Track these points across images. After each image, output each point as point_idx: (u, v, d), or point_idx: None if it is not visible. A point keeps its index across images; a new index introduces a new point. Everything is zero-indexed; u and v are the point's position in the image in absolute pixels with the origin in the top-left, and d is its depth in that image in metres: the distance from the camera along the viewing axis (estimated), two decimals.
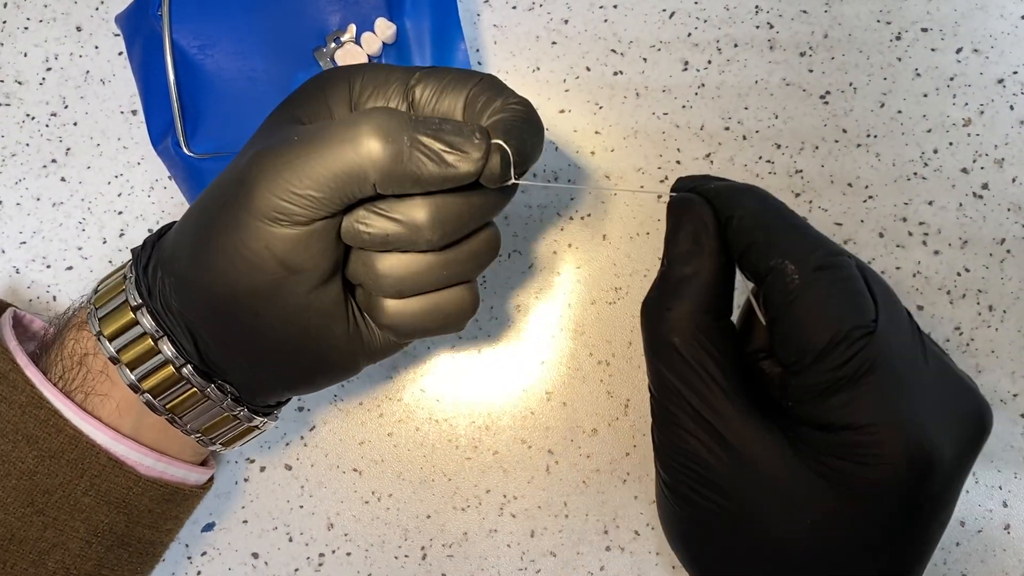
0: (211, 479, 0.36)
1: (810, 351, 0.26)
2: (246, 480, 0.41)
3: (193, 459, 0.34)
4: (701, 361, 0.27)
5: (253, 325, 0.29)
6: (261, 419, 0.33)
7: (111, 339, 0.30)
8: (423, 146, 0.27)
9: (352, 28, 0.40)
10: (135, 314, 0.30)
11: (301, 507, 0.41)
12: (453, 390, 0.41)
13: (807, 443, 0.26)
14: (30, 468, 0.30)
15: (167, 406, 0.31)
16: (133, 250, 0.32)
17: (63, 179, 0.43)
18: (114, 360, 0.31)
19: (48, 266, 0.42)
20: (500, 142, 0.27)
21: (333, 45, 0.40)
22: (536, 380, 0.41)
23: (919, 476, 0.25)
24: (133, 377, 0.30)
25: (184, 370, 0.30)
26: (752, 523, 0.27)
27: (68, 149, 0.43)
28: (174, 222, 0.32)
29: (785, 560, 0.27)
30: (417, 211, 0.28)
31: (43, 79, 0.44)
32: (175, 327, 0.30)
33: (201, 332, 0.30)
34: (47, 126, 0.43)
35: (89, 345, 0.31)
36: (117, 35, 0.44)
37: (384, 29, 0.39)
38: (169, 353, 0.30)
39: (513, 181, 0.28)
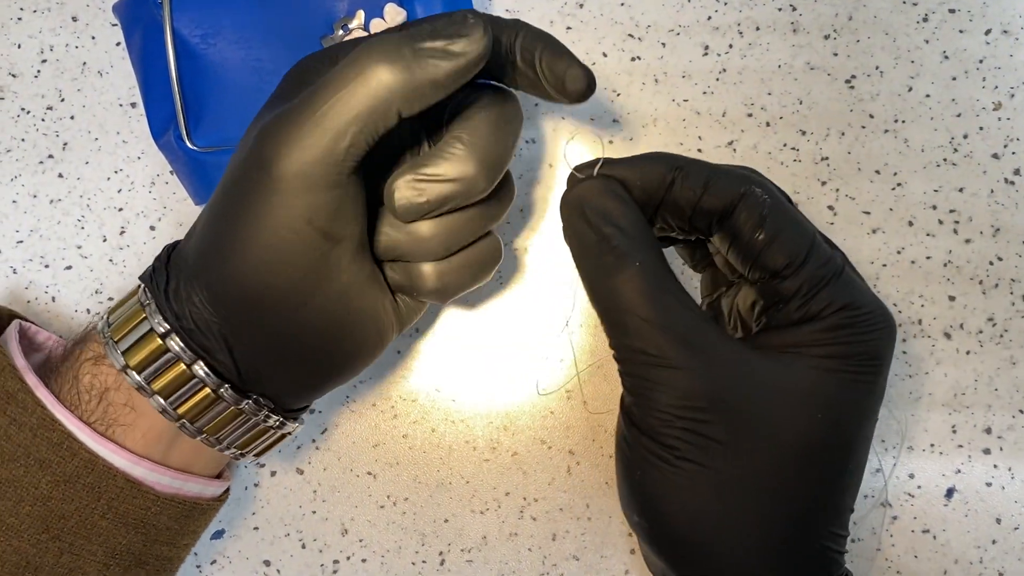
0: (227, 490, 0.34)
1: (803, 249, 0.28)
2: (256, 485, 0.39)
3: (213, 472, 0.33)
4: (682, 298, 0.28)
5: (297, 319, 0.29)
6: (292, 424, 0.33)
7: (139, 371, 0.29)
8: (426, 50, 0.26)
9: (361, 14, 0.38)
10: (164, 341, 0.29)
11: (314, 512, 0.39)
12: (470, 390, 0.40)
13: (794, 345, 0.28)
14: (44, 494, 0.28)
15: (204, 428, 0.30)
16: (141, 278, 0.30)
17: (61, 175, 0.41)
18: (144, 390, 0.29)
19: (46, 265, 0.41)
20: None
21: (341, 32, 0.38)
22: (555, 378, 0.39)
23: (892, 337, 0.29)
24: (167, 405, 0.29)
25: (222, 390, 0.29)
26: (758, 442, 0.27)
27: (65, 144, 0.42)
28: (177, 242, 0.31)
29: (793, 470, 0.27)
30: (467, 164, 0.29)
31: (38, 71, 0.42)
32: (211, 344, 0.29)
33: (241, 341, 0.29)
34: (43, 120, 0.42)
35: (109, 380, 0.30)
36: (114, 25, 0.42)
37: (394, 15, 0.38)
38: (205, 375, 0.29)
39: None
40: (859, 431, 0.29)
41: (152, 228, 0.41)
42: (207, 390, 0.29)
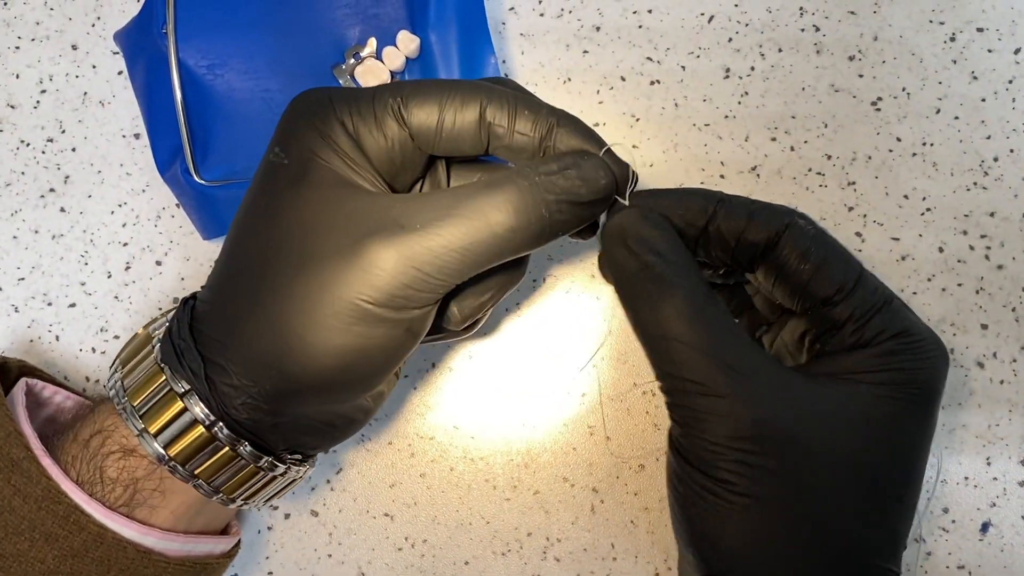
0: (238, 544, 0.33)
1: (851, 277, 0.28)
2: (270, 528, 0.38)
3: (223, 525, 0.32)
4: (732, 328, 0.28)
5: (356, 399, 0.29)
6: (311, 469, 0.33)
7: (182, 462, 0.28)
8: (557, 206, 0.27)
9: (372, 42, 0.37)
10: (210, 431, 0.28)
11: (329, 556, 0.38)
12: (489, 426, 0.38)
13: (847, 371, 0.28)
14: (51, 568, 0.27)
15: (240, 496, 0.30)
16: (164, 360, 0.28)
17: (63, 209, 0.40)
18: (183, 475, 0.28)
19: (49, 303, 0.39)
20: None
21: (352, 61, 0.37)
22: (577, 413, 0.38)
23: (946, 364, 0.28)
24: (207, 485, 0.29)
25: (263, 461, 0.29)
26: (812, 470, 0.26)
27: (67, 177, 0.40)
28: (188, 302, 0.29)
29: (848, 501, 0.27)
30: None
31: (37, 102, 0.41)
32: (258, 426, 0.28)
33: (293, 424, 0.28)
34: (43, 153, 0.40)
35: (140, 471, 0.28)
36: (116, 53, 0.41)
37: (407, 43, 0.37)
38: (248, 455, 0.28)
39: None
40: (913, 462, 0.28)
41: (158, 263, 0.40)
42: (251, 466, 0.29)
